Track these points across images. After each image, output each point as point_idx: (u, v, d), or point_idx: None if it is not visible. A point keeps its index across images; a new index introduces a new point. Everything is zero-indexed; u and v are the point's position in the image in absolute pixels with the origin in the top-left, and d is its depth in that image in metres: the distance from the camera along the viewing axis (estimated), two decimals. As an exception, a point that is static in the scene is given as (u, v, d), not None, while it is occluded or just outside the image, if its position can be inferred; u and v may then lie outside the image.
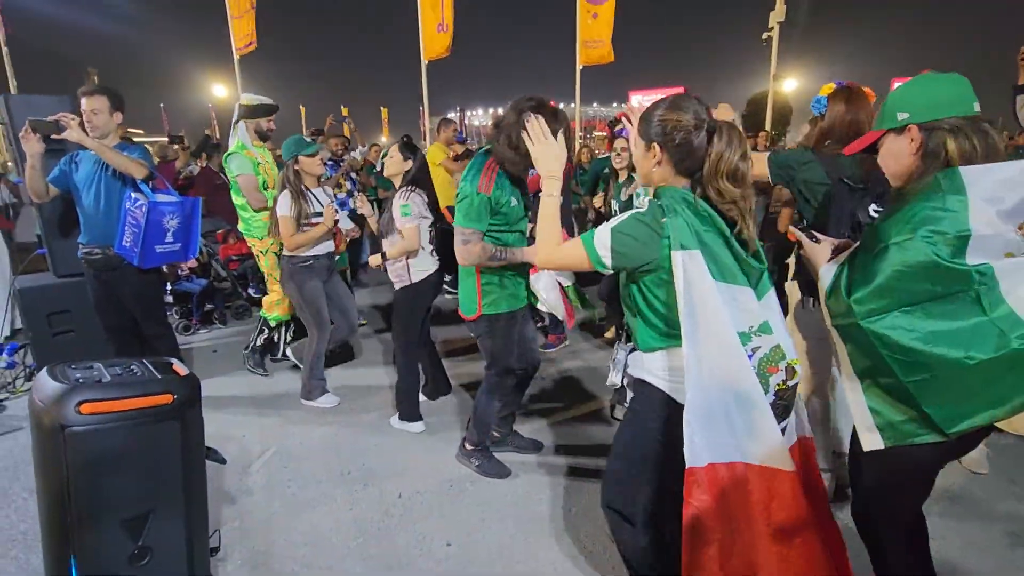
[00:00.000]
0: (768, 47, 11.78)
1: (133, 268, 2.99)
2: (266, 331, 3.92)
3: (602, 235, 1.43)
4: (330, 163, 5.88)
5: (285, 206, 3.11)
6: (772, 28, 11.62)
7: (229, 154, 3.57)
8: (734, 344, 1.37)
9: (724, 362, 1.38)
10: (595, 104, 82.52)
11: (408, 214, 2.78)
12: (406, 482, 2.58)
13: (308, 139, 3.44)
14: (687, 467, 1.40)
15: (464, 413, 3.25)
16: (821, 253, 1.52)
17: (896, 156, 1.38)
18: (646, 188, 2.08)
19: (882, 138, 1.42)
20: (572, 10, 9.39)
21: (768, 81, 12.61)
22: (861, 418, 1.39)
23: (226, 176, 5.70)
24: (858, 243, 1.42)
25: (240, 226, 3.77)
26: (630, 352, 1.66)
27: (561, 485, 2.55)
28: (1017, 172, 1.21)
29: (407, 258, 2.87)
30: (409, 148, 2.94)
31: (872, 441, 1.37)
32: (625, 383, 1.72)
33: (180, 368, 1.67)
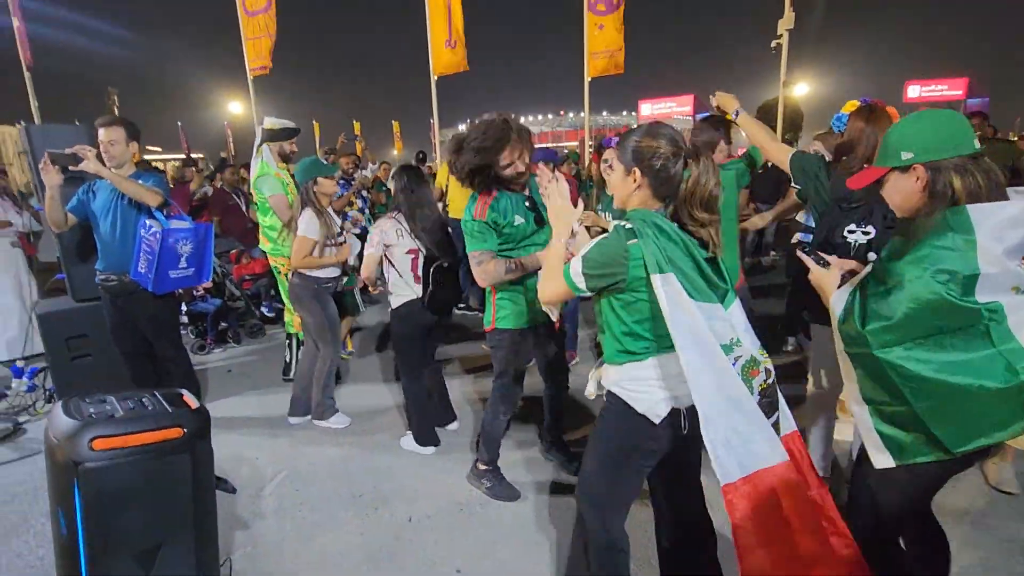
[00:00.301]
0: (777, 55, 11.78)
1: (148, 293, 3.05)
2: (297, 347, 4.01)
3: (575, 264, 1.52)
4: (342, 182, 5.96)
5: (313, 228, 3.14)
6: (781, 35, 11.61)
7: (259, 176, 3.64)
8: (724, 357, 1.43)
9: (722, 376, 1.43)
10: (604, 113, 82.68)
11: (368, 241, 2.88)
12: (416, 505, 2.59)
13: (323, 159, 3.52)
14: (723, 485, 1.44)
15: (476, 434, 3.25)
16: (830, 279, 1.54)
17: (903, 194, 1.43)
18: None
19: (887, 175, 1.45)
20: (580, 21, 9.49)
21: (779, 88, 12.57)
22: (870, 439, 1.46)
23: (238, 197, 5.85)
24: (868, 270, 1.47)
25: (267, 246, 3.83)
26: (598, 365, 1.73)
27: (572, 507, 2.53)
28: (1020, 211, 1.25)
29: (388, 284, 2.94)
30: (407, 171, 2.96)
31: (882, 460, 1.44)
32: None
33: (190, 400, 1.69)
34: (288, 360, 4.11)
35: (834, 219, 2.07)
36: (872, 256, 1.94)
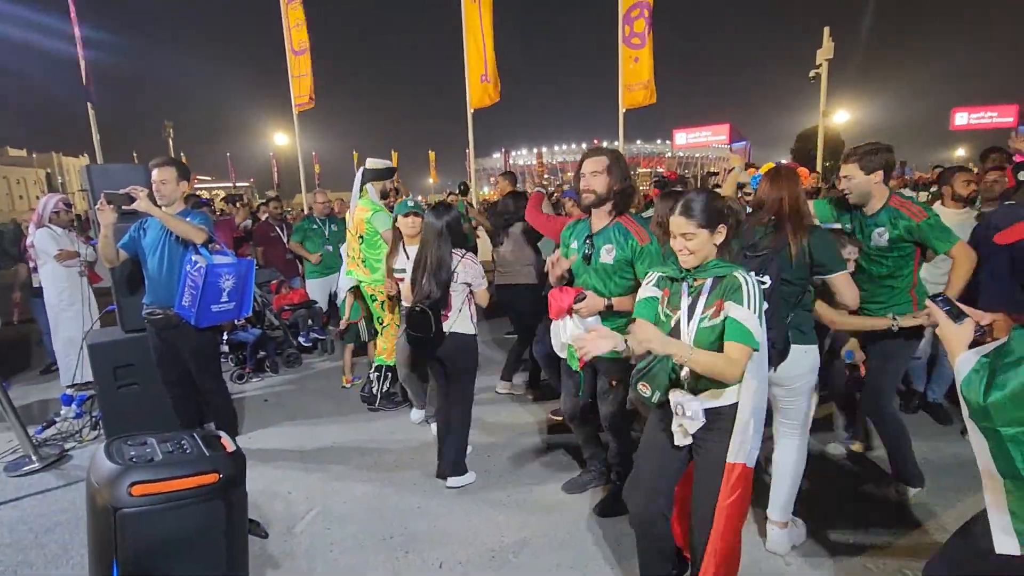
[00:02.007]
0: (816, 84, 11.63)
1: (191, 327, 3.13)
2: (387, 374, 4.15)
3: (753, 324, 1.67)
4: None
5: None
6: (820, 65, 11.50)
7: (374, 213, 3.91)
8: None
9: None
10: (639, 142, 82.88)
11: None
12: (447, 550, 2.52)
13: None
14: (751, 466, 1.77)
15: (507, 471, 3.18)
16: (961, 336, 1.37)
17: None
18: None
19: None
20: (614, 55, 9.61)
21: (818, 116, 12.34)
22: (998, 518, 1.29)
23: (280, 229, 6.02)
24: (1005, 340, 1.28)
25: (368, 277, 4.02)
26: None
27: (604, 556, 2.43)
28: None
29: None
30: (438, 208, 3.02)
31: (1006, 545, 1.27)
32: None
33: (227, 443, 1.70)
34: (375, 392, 4.17)
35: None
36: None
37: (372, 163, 4.01)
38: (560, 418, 3.64)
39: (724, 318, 1.68)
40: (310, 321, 5.53)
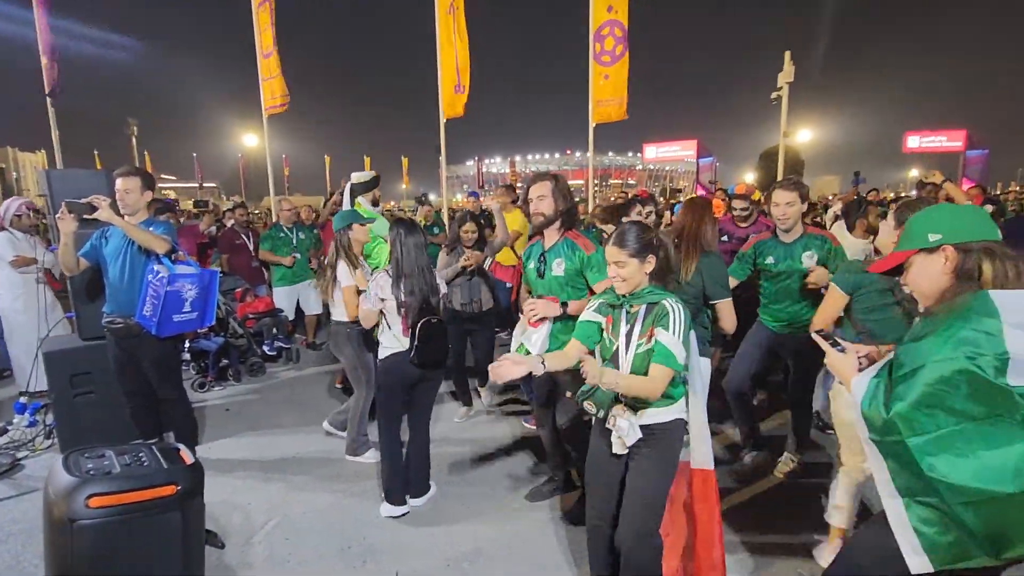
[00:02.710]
0: (778, 105, 12.10)
1: (152, 336, 3.13)
2: None
3: (676, 348, 1.84)
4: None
5: (348, 276, 3.27)
6: (781, 88, 11.97)
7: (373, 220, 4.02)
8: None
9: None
10: (610, 153, 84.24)
11: (365, 296, 3.00)
12: (404, 560, 2.59)
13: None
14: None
15: (471, 484, 3.26)
16: (847, 363, 1.51)
17: (929, 276, 1.41)
18: None
19: (911, 259, 1.45)
20: (586, 69, 9.84)
21: (780, 135, 12.81)
22: (905, 539, 1.33)
23: (246, 237, 5.99)
24: (890, 356, 1.40)
25: None
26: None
27: (556, 563, 2.53)
28: None
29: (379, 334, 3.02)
30: (400, 225, 2.95)
31: (919, 564, 1.31)
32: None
33: (186, 456, 1.74)
34: None
35: None
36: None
37: (356, 177, 4.18)
38: (533, 426, 3.79)
39: (654, 342, 1.83)
40: (275, 330, 5.51)
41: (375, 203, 4.22)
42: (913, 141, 25.99)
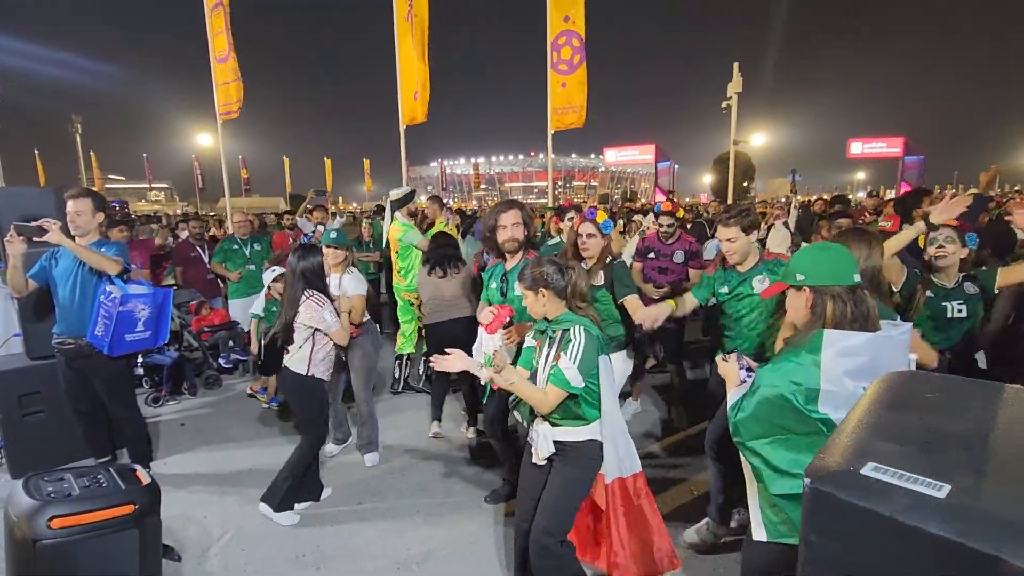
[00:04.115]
0: (728, 114, 12.67)
1: (104, 356, 3.18)
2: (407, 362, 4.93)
3: (571, 373, 2.01)
4: (309, 235, 6.19)
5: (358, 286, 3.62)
6: (731, 98, 12.54)
7: (406, 233, 4.67)
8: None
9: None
10: (574, 155, 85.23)
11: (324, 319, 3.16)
12: (356, 564, 2.74)
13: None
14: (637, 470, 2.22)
15: (418, 487, 3.43)
16: (731, 375, 1.83)
17: (796, 309, 1.73)
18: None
19: (787, 291, 1.76)
20: (545, 76, 10.10)
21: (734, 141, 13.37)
22: (754, 515, 1.71)
23: (201, 249, 5.99)
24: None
25: (402, 284, 4.84)
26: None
27: (500, 561, 2.73)
28: (864, 341, 1.51)
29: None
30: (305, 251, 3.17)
31: (757, 533, 1.70)
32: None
33: (143, 476, 1.87)
34: (396, 377, 5.04)
35: None
36: None
37: (394, 193, 4.92)
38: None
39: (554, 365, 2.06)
40: (231, 342, 5.53)
41: (413, 215, 4.90)
42: (856, 147, 27.51)
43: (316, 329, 3.08)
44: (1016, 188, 26.90)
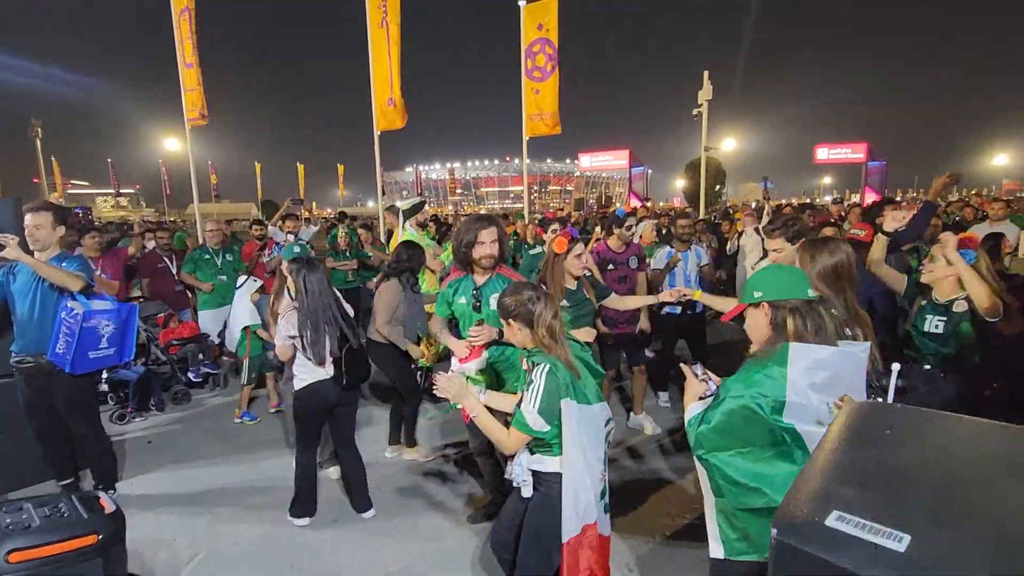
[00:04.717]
0: (699, 121, 12.90)
1: (65, 374, 3.07)
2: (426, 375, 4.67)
3: (531, 416, 1.94)
4: (281, 244, 6.07)
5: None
6: (701, 105, 12.77)
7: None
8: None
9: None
10: (549, 160, 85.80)
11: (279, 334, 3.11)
12: (333, 584, 2.69)
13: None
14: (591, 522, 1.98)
15: (396, 504, 3.38)
16: (692, 391, 1.81)
17: (756, 326, 1.75)
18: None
19: (746, 311, 1.78)
20: (520, 82, 10.15)
21: (709, 144, 13.61)
22: (711, 529, 1.70)
23: (169, 260, 5.83)
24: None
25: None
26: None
27: (482, 579, 2.71)
28: (828, 355, 1.54)
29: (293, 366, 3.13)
30: (302, 264, 3.02)
31: (715, 550, 1.68)
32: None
33: (107, 503, 1.80)
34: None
35: None
36: None
37: (404, 204, 4.95)
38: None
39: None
40: (201, 355, 5.39)
41: (423, 226, 5.02)
42: (822, 153, 28.30)
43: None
44: (974, 192, 28.02)
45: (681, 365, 1.92)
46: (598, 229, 8.00)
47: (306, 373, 3.04)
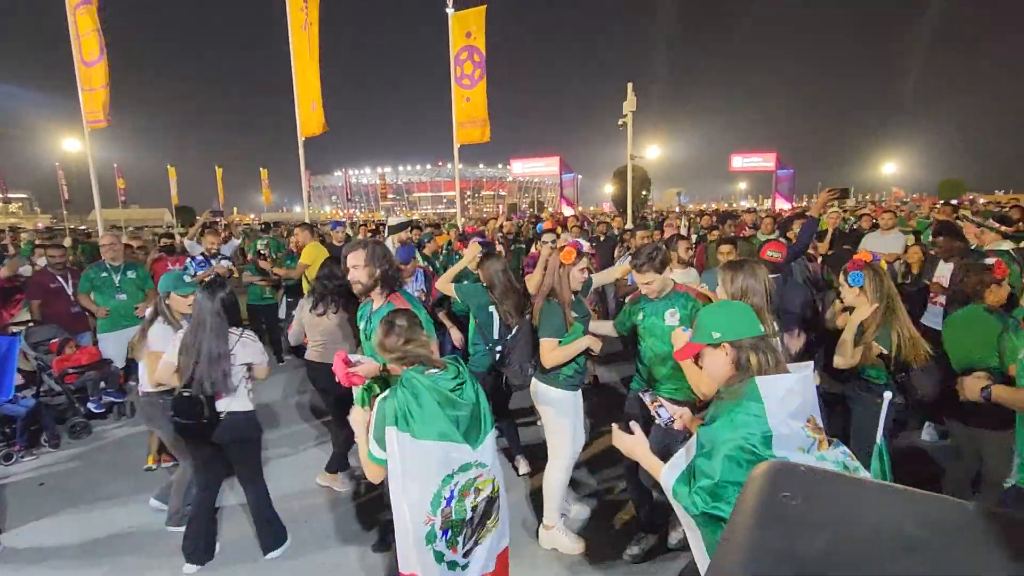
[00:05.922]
0: (624, 130, 13.34)
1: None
2: None
3: (372, 446, 1.95)
4: (199, 259, 5.67)
5: (163, 341, 3.04)
6: (626, 115, 13.21)
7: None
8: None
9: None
10: (481, 165, 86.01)
11: None
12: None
13: (188, 278, 3.34)
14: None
15: (323, 536, 3.22)
16: (642, 447, 1.81)
17: (717, 366, 1.72)
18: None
19: (703, 351, 1.75)
20: (450, 89, 10.10)
21: (634, 152, 14.05)
22: (699, 558, 1.62)
23: (64, 279, 5.30)
24: (695, 439, 1.63)
25: None
26: None
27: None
28: (795, 381, 1.56)
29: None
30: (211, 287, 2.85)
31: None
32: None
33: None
34: None
35: None
36: None
37: (393, 221, 5.12)
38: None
39: None
40: (103, 383, 4.93)
41: (404, 243, 4.92)
42: (737, 160, 30.07)
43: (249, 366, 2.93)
44: (868, 198, 30.66)
45: (615, 428, 1.91)
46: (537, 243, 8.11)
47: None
